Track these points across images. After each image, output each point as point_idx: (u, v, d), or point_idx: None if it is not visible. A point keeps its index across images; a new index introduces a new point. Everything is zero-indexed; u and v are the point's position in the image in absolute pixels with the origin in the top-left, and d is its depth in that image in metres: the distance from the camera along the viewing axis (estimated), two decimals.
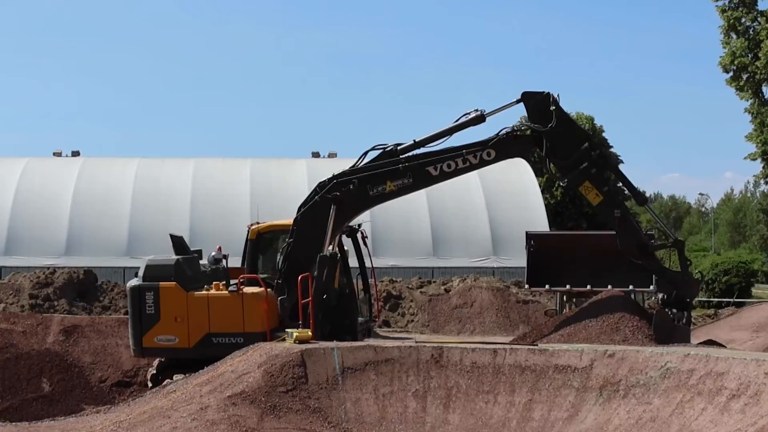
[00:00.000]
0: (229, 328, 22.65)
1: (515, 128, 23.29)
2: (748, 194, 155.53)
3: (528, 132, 23.22)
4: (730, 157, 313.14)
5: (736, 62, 60.68)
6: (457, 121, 23.57)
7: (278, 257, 24.14)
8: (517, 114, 23.59)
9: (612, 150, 79.34)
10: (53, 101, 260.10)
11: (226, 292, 22.78)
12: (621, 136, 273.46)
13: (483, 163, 23.33)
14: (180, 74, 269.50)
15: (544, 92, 22.99)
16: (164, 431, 16.88)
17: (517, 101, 23.17)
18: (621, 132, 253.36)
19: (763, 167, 64.69)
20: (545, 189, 70.36)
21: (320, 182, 23.75)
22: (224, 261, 24.66)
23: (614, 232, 24.33)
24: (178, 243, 24.31)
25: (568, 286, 25.67)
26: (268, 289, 23.09)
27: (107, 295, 41.03)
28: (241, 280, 23.03)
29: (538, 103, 22.97)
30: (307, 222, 23.45)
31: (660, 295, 23.41)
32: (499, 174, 56.49)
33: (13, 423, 20.38)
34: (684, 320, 22.65)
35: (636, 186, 23.62)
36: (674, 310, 22.72)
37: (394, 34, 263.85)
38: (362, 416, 18.29)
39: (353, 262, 26.06)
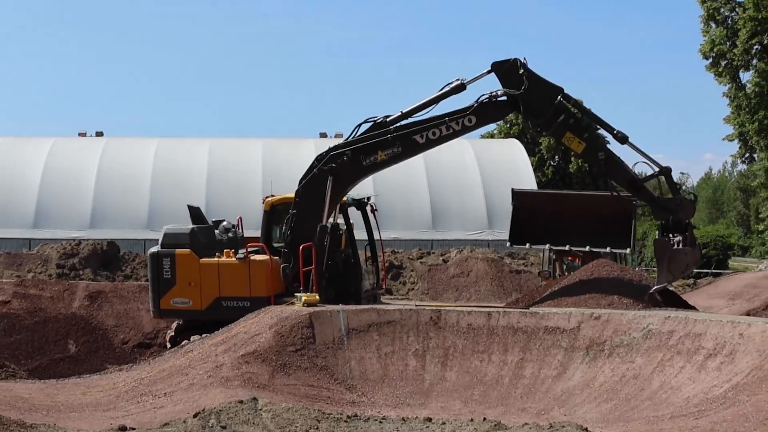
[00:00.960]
0: (237, 292, 22.84)
1: (492, 95, 23.22)
2: (726, 174, 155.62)
3: (504, 98, 23.18)
4: (710, 139, 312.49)
5: (715, 50, 60.72)
6: (439, 91, 23.60)
7: (283, 227, 24.27)
8: (497, 83, 23.48)
9: (599, 132, 79.03)
10: (78, 84, 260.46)
11: (235, 259, 22.94)
12: (608, 120, 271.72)
13: (465, 129, 23.29)
14: (197, 59, 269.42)
15: (511, 59, 22.95)
16: (182, 387, 16.98)
17: (488, 71, 23.23)
18: (608, 116, 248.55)
19: (740, 148, 64.86)
20: (537, 168, 70.44)
21: (318, 155, 23.87)
22: (235, 230, 24.68)
23: (597, 194, 24.38)
24: (195, 213, 24.48)
25: (548, 246, 25.61)
26: (274, 257, 23.16)
27: (129, 265, 41.10)
28: (249, 249, 23.20)
29: (508, 70, 22.94)
30: (307, 194, 23.55)
31: (659, 224, 23.41)
32: (494, 154, 56.78)
33: (42, 380, 20.44)
34: (688, 242, 22.38)
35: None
36: (677, 237, 22.49)
37: (398, 20, 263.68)
38: (366, 374, 18.43)
39: (361, 234, 26.14)
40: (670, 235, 22.57)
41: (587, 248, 24.97)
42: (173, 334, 24.11)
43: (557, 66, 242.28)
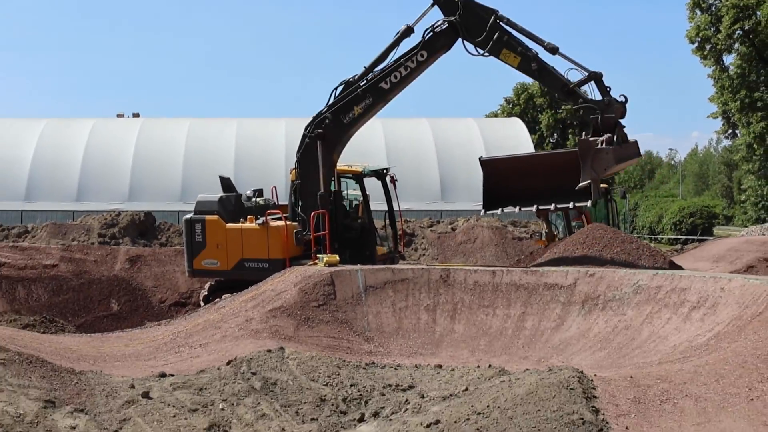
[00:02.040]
0: (257, 254, 23.09)
1: (434, 26, 23.12)
2: (711, 150, 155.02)
3: (445, 26, 23.07)
4: (696, 118, 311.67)
5: (700, 35, 60.62)
6: (392, 39, 23.55)
7: (293, 197, 24.53)
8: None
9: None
10: (117, 70, 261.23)
11: (255, 225, 23.16)
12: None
13: (420, 65, 23.19)
14: (225, 44, 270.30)
15: None
16: (215, 339, 17.15)
17: (431, 6, 23.19)
18: None
19: (723, 125, 64.85)
20: (537, 144, 70.37)
21: (305, 126, 24.15)
22: (255, 199, 24.80)
23: (557, 152, 24.19)
24: (225, 183, 24.65)
25: (518, 208, 25.38)
26: (290, 223, 23.45)
27: (164, 234, 41.14)
28: (268, 215, 23.39)
29: (445, 1, 22.95)
30: (304, 163, 23.87)
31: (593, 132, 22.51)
32: (498, 131, 56.73)
33: (88, 334, 20.66)
34: (617, 140, 21.91)
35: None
36: (606, 137, 21.93)
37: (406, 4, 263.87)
38: (382, 326, 18.57)
39: (379, 204, 26.25)
40: (596, 137, 22.01)
41: (552, 206, 24.65)
42: (206, 293, 24.34)
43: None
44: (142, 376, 13.77)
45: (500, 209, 25.39)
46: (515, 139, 56.97)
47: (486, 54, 22.63)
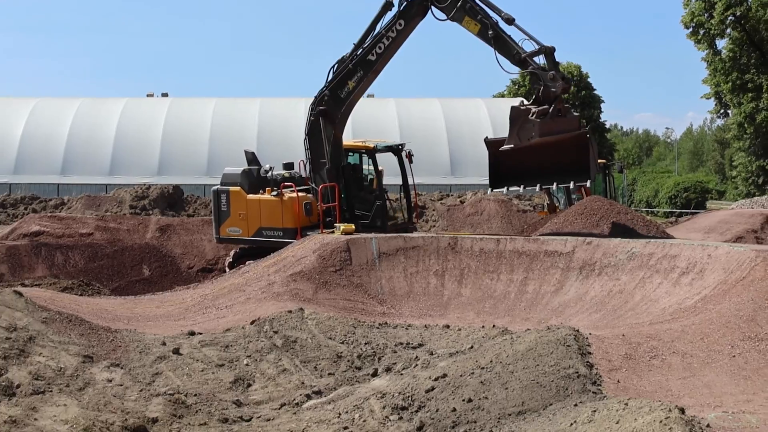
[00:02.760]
0: (273, 223, 23.45)
1: None
2: (705, 129, 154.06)
3: None
4: (691, 99, 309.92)
5: (694, 20, 60.37)
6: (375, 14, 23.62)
7: (306, 173, 24.89)
8: None
9: (595, 92, 78.41)
10: (147, 52, 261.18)
11: (271, 196, 23.47)
12: (604, 82, 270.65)
13: (401, 33, 23.23)
14: (250, 27, 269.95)
15: None
16: (240, 301, 17.37)
17: None
18: (604, 79, 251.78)
19: (716, 105, 64.63)
20: None
21: (309, 106, 24.37)
22: (272, 172, 24.94)
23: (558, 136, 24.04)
24: (249, 157, 24.86)
25: (522, 187, 25.27)
26: (302, 194, 23.71)
27: (191, 206, 41.23)
28: (283, 188, 23.64)
29: None
30: (312, 140, 24.19)
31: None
32: (504, 110, 56.23)
33: (122, 297, 20.87)
34: (551, 113, 21.70)
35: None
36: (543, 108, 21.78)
37: None
38: (394, 290, 18.71)
39: (393, 179, 26.39)
40: (531, 107, 21.98)
41: (554, 185, 24.59)
42: (231, 260, 24.66)
43: (561, 34, 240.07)
44: (173, 335, 14.01)
45: (506, 188, 25.32)
46: None
47: (450, 19, 22.63)
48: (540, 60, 22.00)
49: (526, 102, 22.96)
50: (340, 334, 13.95)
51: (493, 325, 14.97)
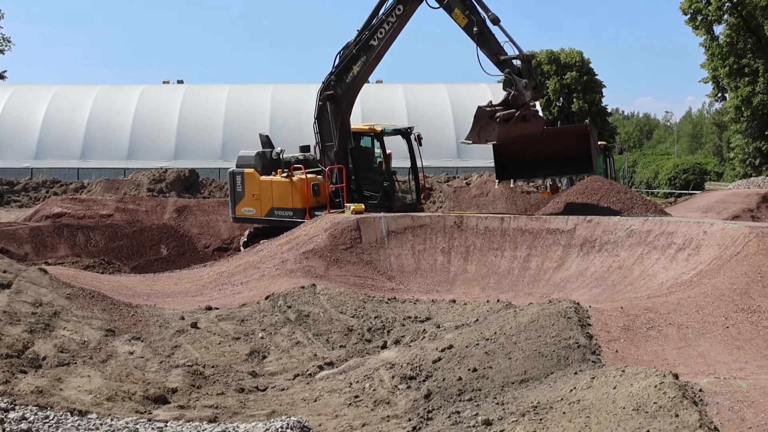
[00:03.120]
0: (284, 203, 23.68)
1: None
2: (704, 112, 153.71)
3: None
4: (691, 83, 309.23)
5: (692, 7, 60.08)
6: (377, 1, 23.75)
7: (316, 156, 25.04)
8: None
9: (597, 77, 78.05)
10: (163, 40, 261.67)
11: (281, 178, 23.68)
12: (606, 68, 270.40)
13: (400, 18, 23.29)
14: (262, 16, 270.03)
15: None
16: (255, 278, 17.51)
17: None
18: (606, 64, 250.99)
19: (713, 89, 64.42)
20: (544, 108, 69.93)
21: (318, 92, 24.47)
22: (283, 154, 25.02)
23: (560, 129, 24.25)
24: (264, 140, 25.00)
25: (528, 182, 25.49)
26: (310, 176, 23.89)
27: (206, 188, 41.46)
28: (293, 170, 23.81)
29: None
30: (321, 124, 24.38)
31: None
32: None
33: (141, 274, 21.04)
34: (516, 117, 21.55)
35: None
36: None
37: None
38: (402, 267, 18.82)
39: (402, 161, 26.51)
40: (496, 108, 21.84)
41: (558, 178, 24.80)
42: (246, 239, 24.84)
43: (565, 21, 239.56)
44: (191, 310, 14.17)
45: (512, 181, 25.52)
46: None
47: (441, 8, 22.67)
48: (518, 63, 22.09)
49: (494, 102, 22.91)
50: (350, 308, 14.12)
51: (498, 300, 15.10)
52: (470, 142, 22.07)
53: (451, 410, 8.70)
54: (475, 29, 22.03)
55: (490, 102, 22.87)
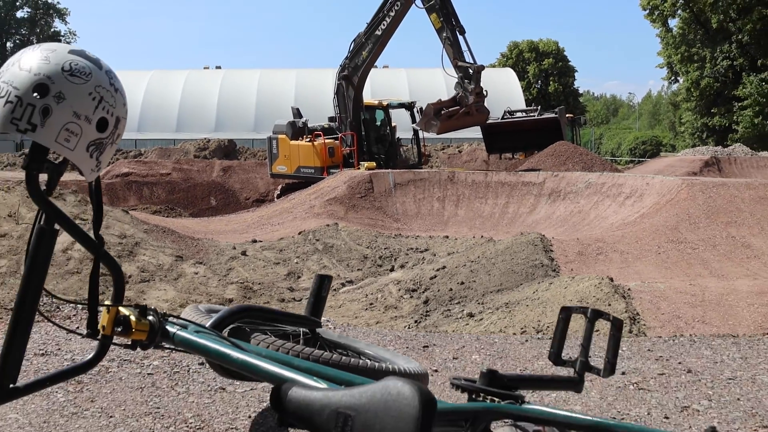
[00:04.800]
0: (308, 163, 24.27)
1: None
2: (662, 93, 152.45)
3: None
4: (651, 69, 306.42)
5: (650, 3, 60.12)
6: None
7: (334, 124, 25.60)
8: None
9: (570, 63, 78.05)
10: (204, 31, 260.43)
11: (305, 142, 24.35)
12: (578, 55, 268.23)
13: (399, 12, 23.77)
14: (288, 9, 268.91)
15: None
16: (289, 219, 18.10)
17: None
18: (578, 52, 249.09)
19: (668, 73, 64.45)
20: (525, 89, 69.97)
21: (336, 74, 25.19)
22: (305, 123, 25.52)
23: (540, 118, 25.27)
24: (295, 112, 25.78)
25: (511, 154, 26.87)
26: (328, 140, 24.37)
27: (243, 155, 41.54)
28: (314, 136, 24.45)
29: None
30: (338, 99, 25.04)
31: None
32: (493, 79, 56.37)
33: (195, 218, 21.83)
34: (461, 112, 22.63)
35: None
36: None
37: None
38: (406, 211, 19.38)
39: (405, 133, 27.22)
40: (443, 105, 23.04)
41: (536, 152, 25.75)
42: (279, 192, 25.46)
43: (541, 12, 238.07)
44: (240, 242, 14.74)
45: (500, 154, 26.94)
46: (508, 84, 57.13)
47: (425, 9, 23.22)
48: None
49: (443, 99, 24.01)
50: (365, 241, 14.66)
51: (482, 236, 15.65)
52: (419, 128, 23.56)
53: (443, 309, 9.43)
54: (444, 34, 22.70)
55: (440, 100, 23.80)
